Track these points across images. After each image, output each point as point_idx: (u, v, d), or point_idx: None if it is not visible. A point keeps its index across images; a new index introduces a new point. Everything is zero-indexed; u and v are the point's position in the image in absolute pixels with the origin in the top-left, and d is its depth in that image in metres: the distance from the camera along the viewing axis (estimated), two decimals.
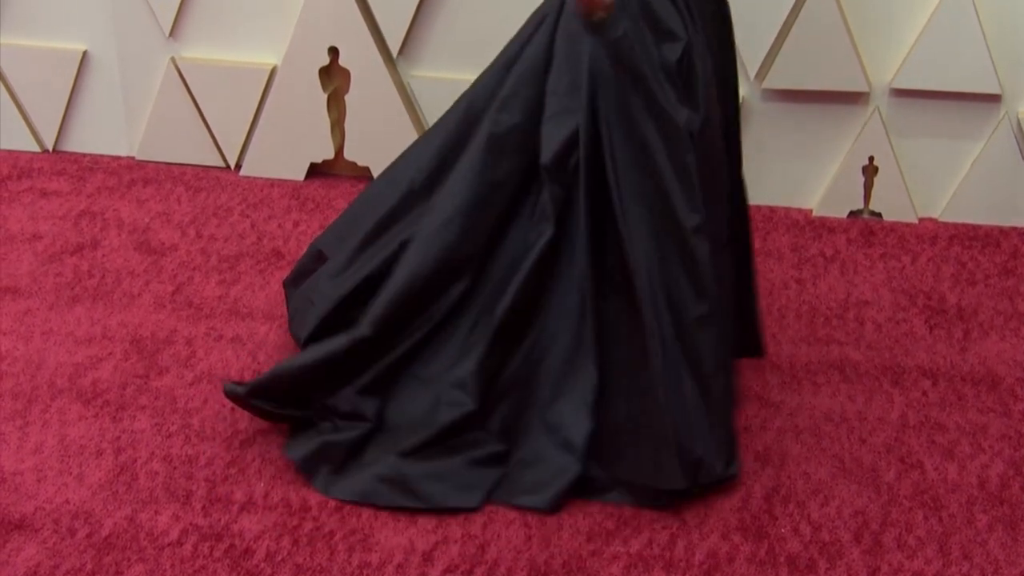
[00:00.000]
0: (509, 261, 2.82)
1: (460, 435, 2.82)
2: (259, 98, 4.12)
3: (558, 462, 2.79)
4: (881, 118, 3.85)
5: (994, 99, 3.79)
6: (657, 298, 2.67)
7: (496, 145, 2.78)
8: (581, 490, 2.78)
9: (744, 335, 3.12)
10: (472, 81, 2.94)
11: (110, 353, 3.25)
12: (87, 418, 3.00)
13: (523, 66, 2.77)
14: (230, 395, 2.85)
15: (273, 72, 4.10)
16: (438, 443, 2.81)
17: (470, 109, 2.91)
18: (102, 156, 4.32)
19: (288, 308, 3.32)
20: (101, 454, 2.88)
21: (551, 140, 2.71)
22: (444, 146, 2.96)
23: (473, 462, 2.79)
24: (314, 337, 3.05)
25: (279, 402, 2.87)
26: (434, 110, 4.02)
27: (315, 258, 3.26)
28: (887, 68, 3.82)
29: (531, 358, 2.85)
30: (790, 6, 3.76)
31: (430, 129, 3.07)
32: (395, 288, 2.84)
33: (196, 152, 4.25)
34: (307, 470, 2.81)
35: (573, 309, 2.79)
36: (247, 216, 3.96)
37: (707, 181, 2.70)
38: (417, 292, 2.83)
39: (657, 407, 2.68)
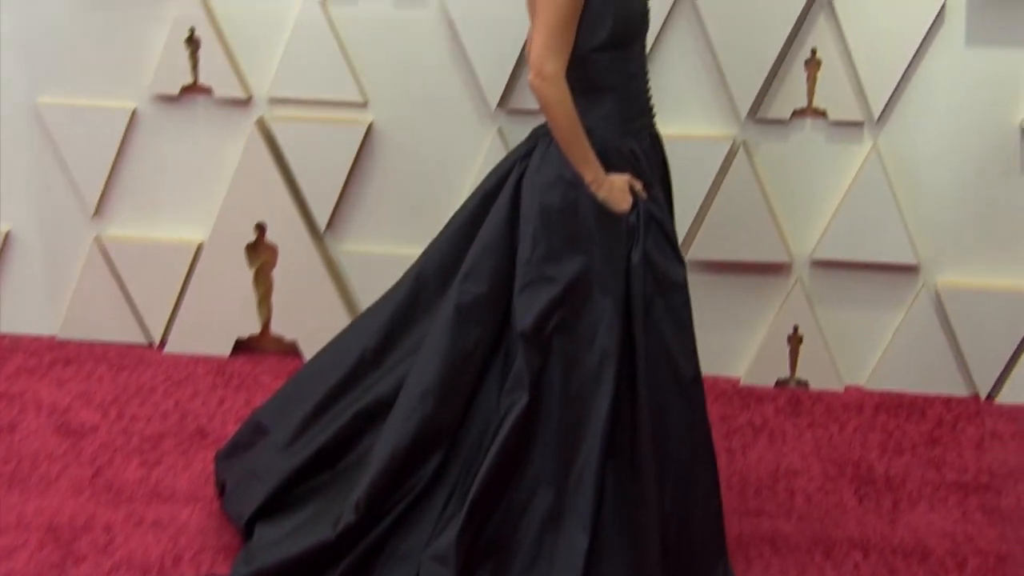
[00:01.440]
0: (481, 428, 2.87)
1: None
2: (184, 274, 4.16)
3: None
4: (803, 288, 3.96)
5: (912, 270, 3.92)
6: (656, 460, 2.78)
7: (464, 315, 2.85)
8: None
9: None
10: (407, 253, 3.01)
11: (25, 542, 3.19)
12: None
13: (486, 237, 2.86)
14: None
15: (199, 249, 4.14)
16: None
17: (420, 277, 3.00)
18: (23, 336, 4.31)
19: (221, 483, 3.29)
20: None
21: (529, 307, 2.76)
22: (394, 315, 3.03)
23: None
24: (263, 512, 3.04)
25: None
26: (364, 284, 4.10)
27: (254, 431, 3.25)
28: (807, 239, 3.94)
29: (506, 522, 2.85)
30: (711, 179, 3.88)
31: (379, 300, 3.13)
32: (375, 469, 2.86)
33: (119, 330, 4.25)
34: None
35: (549, 474, 2.81)
36: (170, 394, 3.94)
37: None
38: (397, 469, 2.85)
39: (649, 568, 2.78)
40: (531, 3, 2.77)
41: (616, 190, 2.72)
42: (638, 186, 2.77)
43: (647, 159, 2.83)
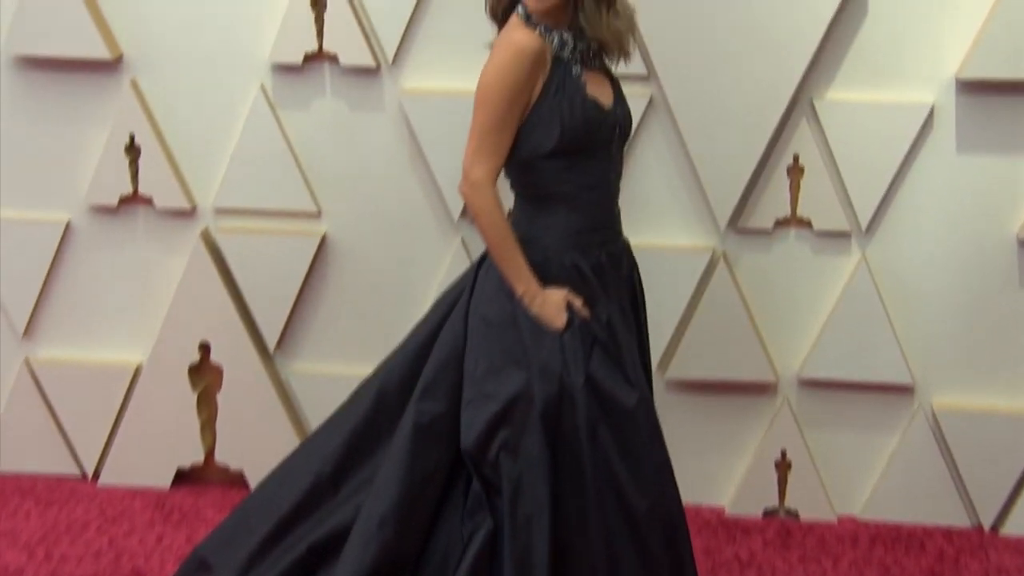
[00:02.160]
0: (443, 555, 2.76)
1: None
2: (121, 400, 4.04)
3: None
4: (791, 409, 3.86)
5: (906, 390, 3.83)
6: None
7: (422, 436, 2.76)
8: None
9: None
10: (364, 374, 2.95)
11: None
12: None
13: (442, 352, 2.79)
14: None
15: (138, 371, 4.03)
16: None
17: (381, 395, 2.90)
18: None
19: None
20: None
21: (471, 427, 2.70)
22: (353, 436, 2.92)
23: None
24: None
25: None
26: (317, 408, 3.98)
27: (197, 568, 3.09)
28: (794, 357, 3.86)
29: None
30: (690, 293, 3.81)
31: (332, 419, 3.02)
32: None
33: (49, 461, 4.11)
34: None
35: None
36: (104, 531, 3.79)
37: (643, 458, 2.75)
38: None
39: None
40: None
41: (550, 305, 2.70)
42: (577, 303, 2.72)
43: (599, 276, 2.78)
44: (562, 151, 2.68)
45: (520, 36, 2.65)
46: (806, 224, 3.74)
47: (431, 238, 3.88)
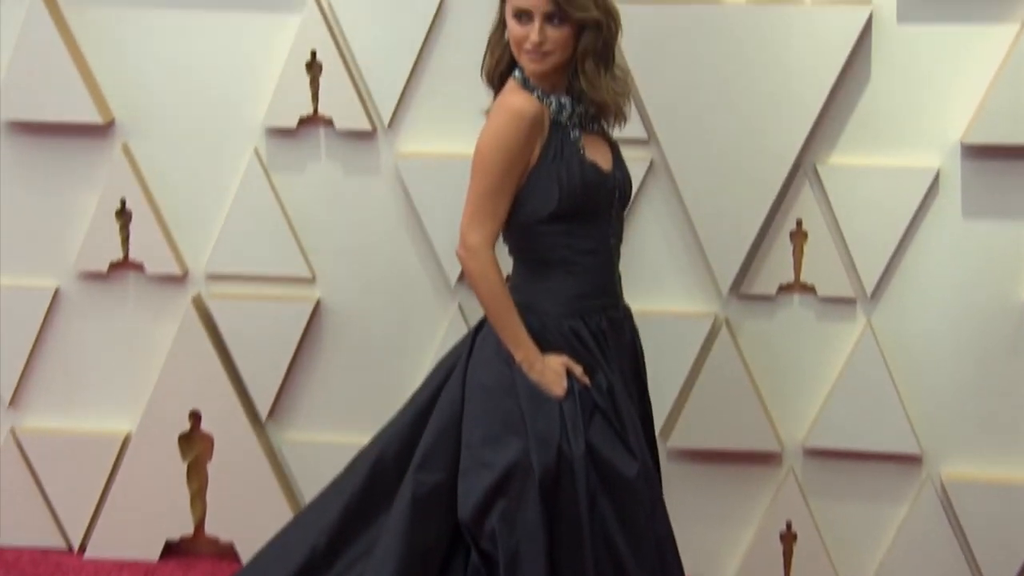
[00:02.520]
0: None
1: None
2: (109, 470, 3.99)
3: None
4: (796, 480, 3.81)
5: (914, 460, 3.78)
6: None
7: (421, 507, 2.73)
8: None
9: None
10: (358, 443, 2.94)
11: None
12: None
13: (440, 420, 2.76)
14: None
15: (126, 440, 3.98)
16: None
17: (378, 465, 2.86)
18: None
19: None
20: None
21: (468, 497, 2.67)
22: (349, 507, 2.88)
23: None
24: None
25: None
26: (308, 477, 3.95)
27: None
28: (799, 426, 3.81)
29: None
30: (692, 360, 3.77)
31: (328, 490, 2.98)
32: None
33: (34, 533, 4.06)
34: None
35: None
36: None
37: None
38: None
39: None
40: None
41: (550, 372, 2.68)
42: (577, 370, 2.70)
43: (599, 342, 2.76)
44: (561, 215, 2.67)
45: (518, 100, 2.65)
46: (810, 290, 3.71)
47: (427, 303, 3.85)
